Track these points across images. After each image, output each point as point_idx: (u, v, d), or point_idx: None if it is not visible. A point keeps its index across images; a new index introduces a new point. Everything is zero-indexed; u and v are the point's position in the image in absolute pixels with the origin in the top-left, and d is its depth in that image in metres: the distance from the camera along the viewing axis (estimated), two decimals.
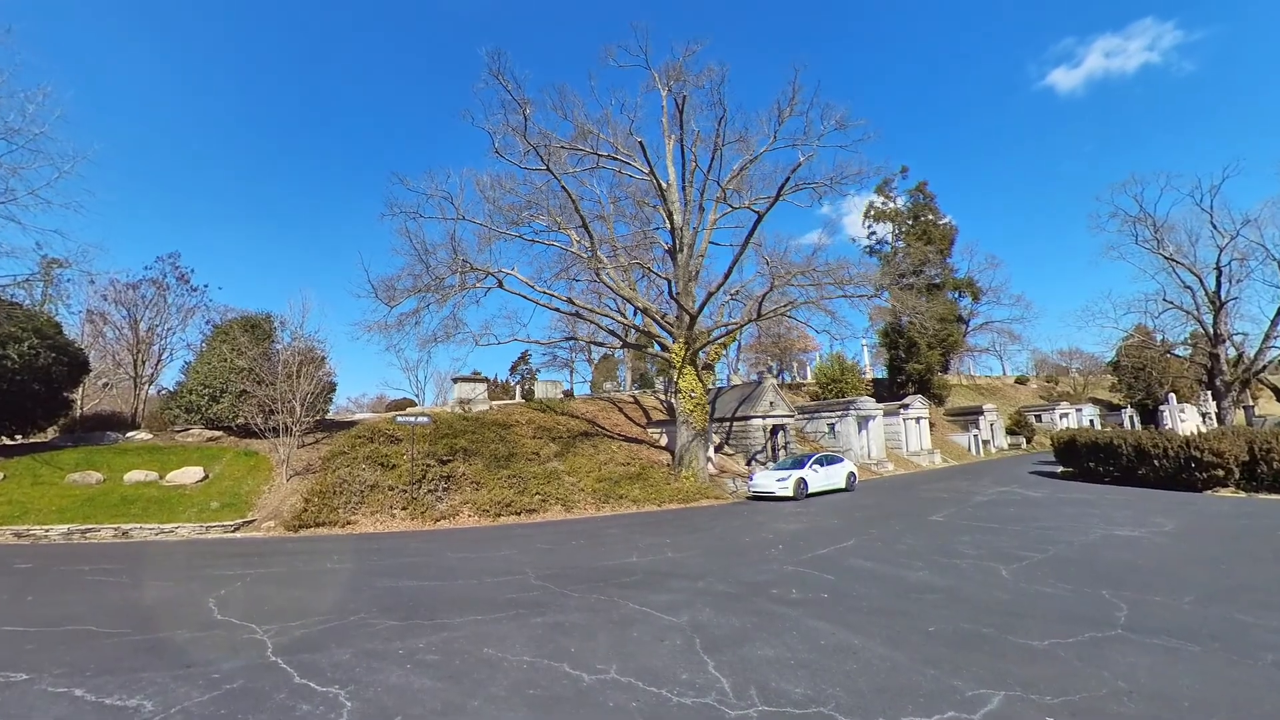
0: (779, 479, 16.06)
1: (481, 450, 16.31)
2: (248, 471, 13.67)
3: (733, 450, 23.86)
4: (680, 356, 18.21)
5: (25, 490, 12.10)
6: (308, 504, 11.91)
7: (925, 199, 36.77)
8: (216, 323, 17.59)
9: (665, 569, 7.49)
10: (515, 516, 13.55)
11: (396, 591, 6.46)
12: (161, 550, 9.33)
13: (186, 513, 11.30)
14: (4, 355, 13.44)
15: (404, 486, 13.55)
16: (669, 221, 19.48)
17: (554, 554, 8.77)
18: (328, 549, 9.40)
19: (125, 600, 6.08)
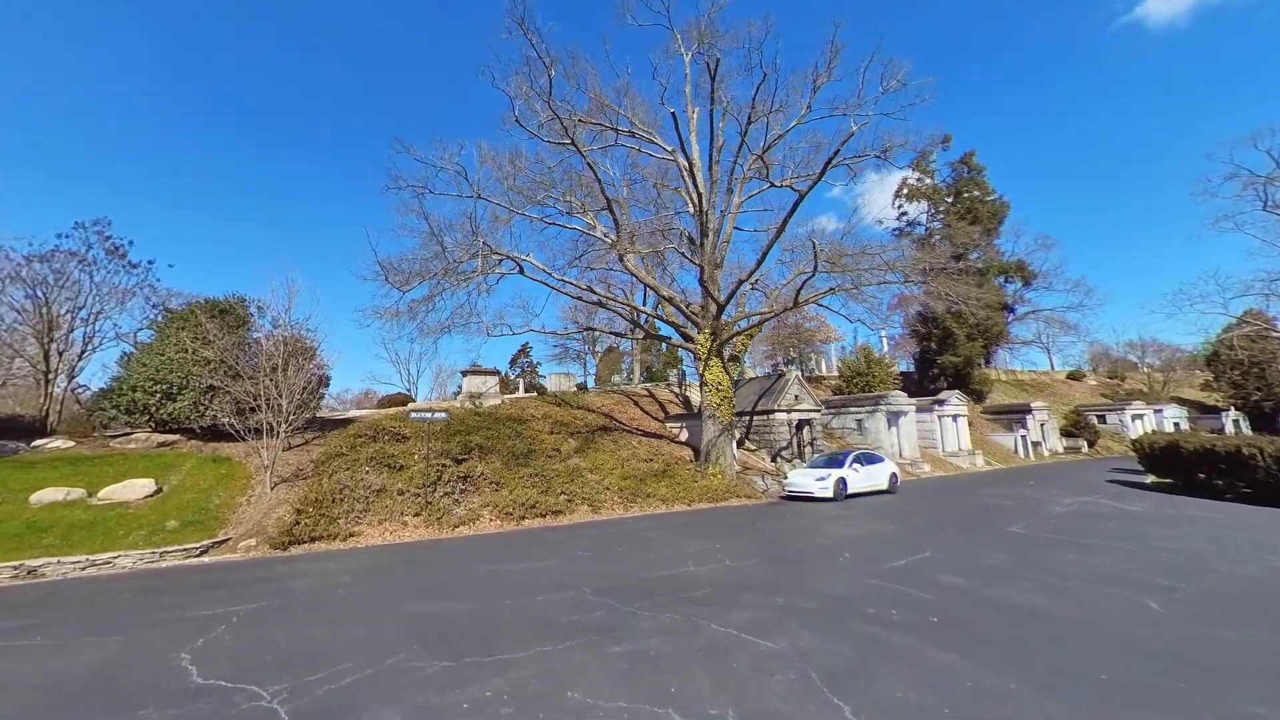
0: (819, 478, 15.84)
1: (498, 447, 15.72)
2: (217, 481, 12.75)
3: (754, 446, 23.55)
4: (706, 348, 17.71)
5: None
6: (300, 515, 11.09)
7: (972, 172, 35.55)
8: (170, 307, 16.36)
9: (730, 580, 7.17)
10: (540, 519, 13.02)
11: (434, 619, 5.79)
12: (95, 590, 7.67)
13: (131, 537, 10.04)
14: None
15: (416, 490, 12.85)
16: (693, 204, 18.84)
17: (600, 563, 8.30)
18: (332, 569, 8.64)
19: (46, 674, 4.58)
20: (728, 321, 18.22)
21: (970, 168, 35.48)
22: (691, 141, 18.24)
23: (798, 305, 15.70)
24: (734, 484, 17.26)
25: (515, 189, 15.56)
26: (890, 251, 18.33)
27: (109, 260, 17.67)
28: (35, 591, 7.86)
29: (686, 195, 19.77)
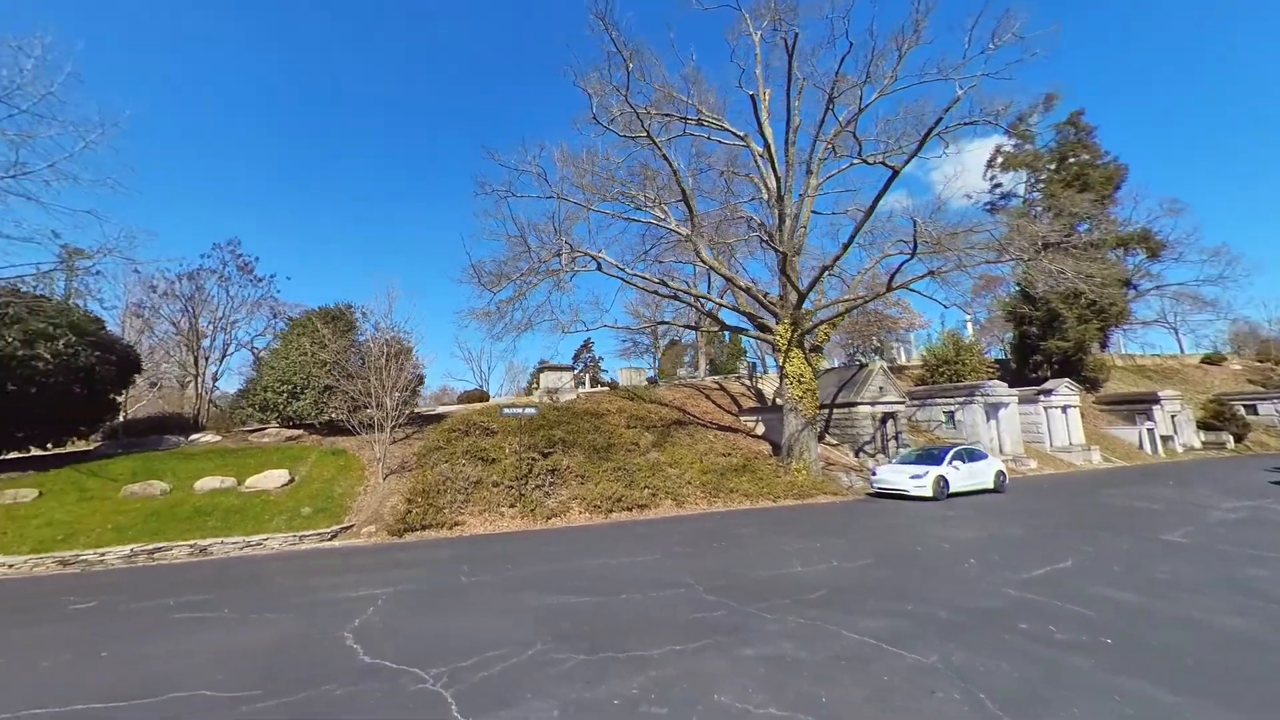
0: (914, 475, 14.86)
1: (579, 441, 16.17)
2: (338, 472, 14.09)
3: (834, 440, 22.54)
4: (786, 339, 17.08)
5: (69, 508, 11.20)
6: (411, 505, 12.00)
7: (1080, 133, 31.24)
8: (293, 316, 18.24)
9: (845, 583, 6.83)
10: (626, 512, 13.23)
11: (558, 612, 5.96)
12: (254, 569, 8.63)
13: (274, 521, 11.37)
14: (33, 355, 12.92)
15: (509, 482, 13.50)
16: (767, 190, 18.20)
17: (700, 559, 8.22)
18: (448, 556, 9.22)
19: (237, 644, 5.10)
20: (807, 311, 17.46)
21: (1078, 128, 31.37)
22: (766, 124, 17.55)
23: (890, 290, 14.68)
24: (819, 480, 16.58)
25: (588, 187, 15.72)
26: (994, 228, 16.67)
27: (240, 275, 19.98)
28: (209, 568, 8.99)
29: (760, 181, 19.09)
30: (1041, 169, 32.32)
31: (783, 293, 17.77)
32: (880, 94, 16.25)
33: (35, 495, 11.38)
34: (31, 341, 13.04)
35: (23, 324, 13.24)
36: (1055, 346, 28.34)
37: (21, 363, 12.80)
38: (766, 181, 18.31)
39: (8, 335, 12.78)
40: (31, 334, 13.12)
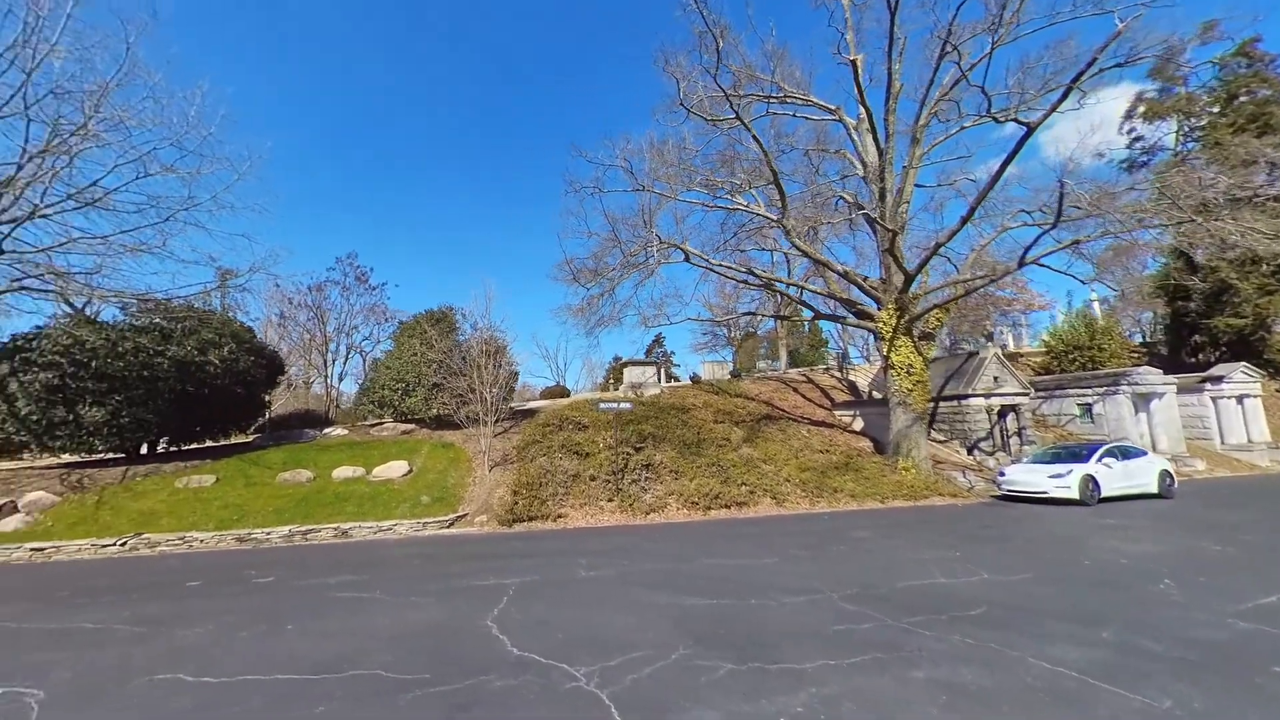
0: (1053, 475, 13.04)
1: (668, 436, 16.07)
2: (448, 464, 15.08)
3: (941, 436, 20.53)
4: (891, 326, 15.71)
5: (239, 492, 12.83)
6: (517, 497, 12.52)
7: (1254, 65, 25.54)
8: (403, 320, 19.95)
9: (1006, 600, 5.96)
10: (725, 510, 12.89)
11: (690, 614, 5.75)
12: (389, 552, 9.38)
13: (399, 508, 12.45)
14: (206, 361, 14.90)
15: (606, 476, 13.70)
16: (863, 166, 16.86)
17: (822, 563, 7.66)
18: (560, 549, 9.43)
19: (396, 626, 5.43)
20: (914, 294, 15.92)
21: (1251, 59, 25.70)
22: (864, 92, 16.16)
23: (1023, 265, 12.90)
24: (931, 480, 15.11)
25: (671, 177, 15.38)
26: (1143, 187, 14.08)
27: (357, 285, 22.11)
28: (352, 550, 9.87)
29: (855, 157, 17.71)
30: (1199, 113, 27.02)
31: (885, 276, 16.37)
32: (999, 43, 14.26)
33: (213, 481, 13.21)
34: (204, 349, 15.19)
35: (197, 335, 15.45)
36: (1225, 325, 23.62)
37: (198, 368, 14.95)
38: (863, 155, 16.94)
39: (187, 344, 14.97)
40: (204, 343, 15.28)
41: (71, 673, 4.55)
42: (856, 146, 17.05)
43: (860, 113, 16.93)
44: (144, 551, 10.15)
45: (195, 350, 14.98)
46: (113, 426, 13.61)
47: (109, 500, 11.92)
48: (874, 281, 16.82)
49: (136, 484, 12.89)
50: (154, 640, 5.30)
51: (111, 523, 11.02)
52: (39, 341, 13.01)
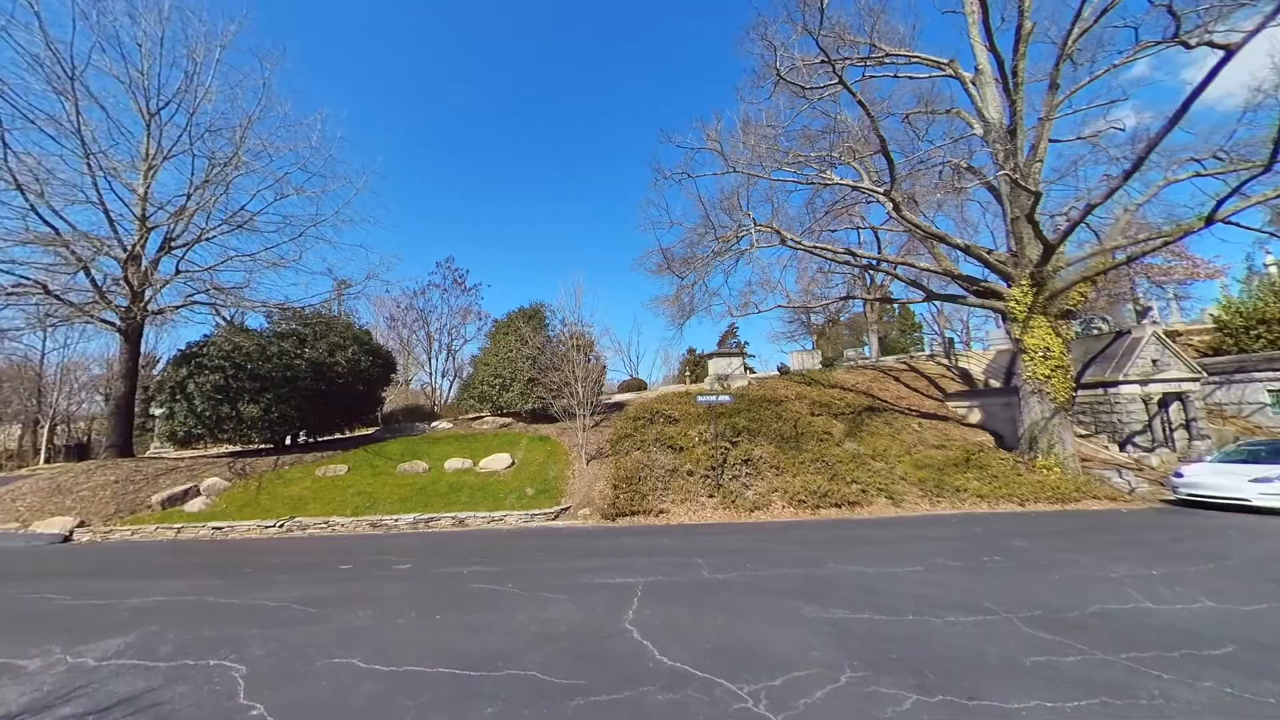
0: (1259, 479, 10.71)
1: (763, 430, 15.38)
2: (547, 457, 15.50)
3: (1083, 429, 17.83)
4: (1024, 304, 13.76)
5: (368, 480, 13.77)
6: (617, 491, 12.53)
7: None
8: (497, 319, 20.93)
9: (1252, 635, 4.76)
10: (835, 509, 12.03)
11: (846, 629, 5.16)
12: (507, 543, 9.65)
13: (507, 499, 12.92)
14: (334, 361, 16.66)
15: (704, 471, 13.36)
16: (983, 123, 14.87)
17: (982, 576, 6.68)
18: (674, 546, 9.19)
19: (537, 623, 5.40)
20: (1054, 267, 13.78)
21: None
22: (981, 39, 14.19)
23: (1211, 223, 10.58)
24: (1082, 480, 13.07)
25: (761, 157, 14.44)
26: None
27: (455, 288, 23.47)
28: (472, 538, 10.29)
29: (973, 114, 15.66)
30: None
31: (1015, 248, 14.36)
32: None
33: (345, 470, 14.53)
34: (332, 351, 16.76)
35: (326, 339, 17.07)
36: None
37: (328, 368, 16.52)
38: (984, 112, 14.92)
39: (319, 347, 16.58)
40: (332, 346, 16.86)
41: (264, 650, 4.95)
42: (975, 103, 15.04)
43: (980, 62, 14.93)
44: (296, 533, 11.31)
45: (326, 352, 16.56)
46: (265, 421, 15.40)
47: (266, 486, 13.51)
48: (1001, 255, 14.84)
49: (285, 472, 14.50)
50: (325, 622, 5.68)
51: (270, 506, 12.45)
52: (207, 348, 14.99)
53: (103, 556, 9.72)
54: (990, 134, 14.68)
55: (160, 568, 8.63)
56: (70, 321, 14.44)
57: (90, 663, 4.77)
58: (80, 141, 12.77)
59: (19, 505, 11.84)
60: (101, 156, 13.30)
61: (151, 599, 6.62)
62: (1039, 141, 14.16)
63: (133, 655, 4.92)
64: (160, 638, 5.30)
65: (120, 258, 13.58)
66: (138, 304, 14.28)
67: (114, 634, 5.43)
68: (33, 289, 12.16)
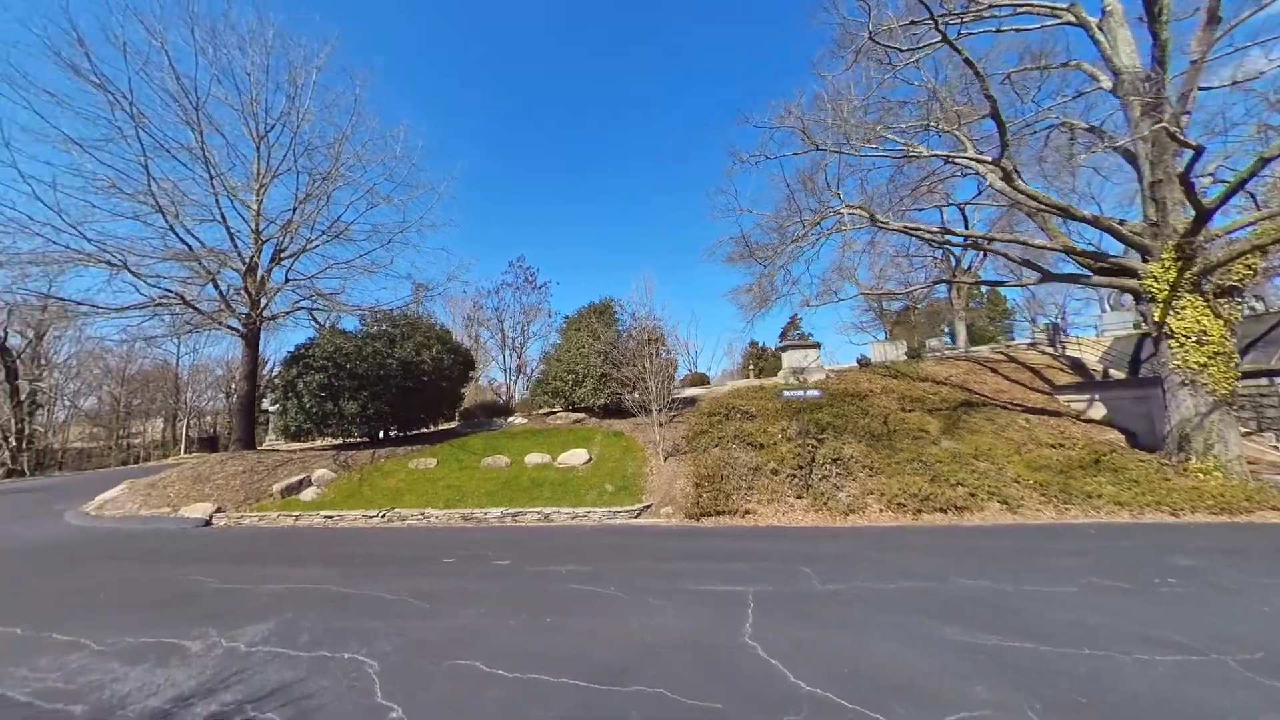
0: None
1: (849, 426, 14.39)
2: (623, 453, 15.43)
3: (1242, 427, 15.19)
4: (1167, 281, 11.81)
5: (455, 474, 14.24)
6: (699, 490, 12.17)
7: None
8: (568, 315, 21.27)
9: None
10: (939, 514, 10.96)
11: (1006, 660, 4.44)
12: (594, 540, 9.61)
13: (588, 495, 12.93)
14: (420, 360, 17.49)
15: (790, 470, 12.70)
16: (1112, 72, 12.94)
17: (1161, 603, 5.54)
18: (774, 551, 8.71)
19: (648, 632, 5.15)
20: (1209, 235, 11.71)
21: None
22: None
23: None
24: (1253, 488, 11.04)
25: (847, 132, 13.32)
26: None
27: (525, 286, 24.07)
28: (561, 536, 10.32)
29: (1100, 65, 13.63)
30: None
31: (1155, 217, 12.37)
32: None
33: (434, 463, 15.22)
34: (419, 350, 17.62)
35: (412, 339, 17.98)
36: None
37: (415, 366, 17.39)
38: (1113, 61, 12.92)
39: (406, 346, 17.49)
40: (418, 345, 17.73)
41: (390, 646, 5.05)
42: (1103, 50, 13.05)
43: (1109, 2, 12.93)
44: (396, 524, 11.94)
45: (413, 351, 17.45)
46: (362, 416, 16.47)
47: (366, 478, 14.44)
48: (1135, 225, 12.84)
49: (381, 465, 15.45)
50: (439, 619, 5.76)
51: (371, 497, 13.27)
52: (312, 350, 16.22)
53: (237, 540, 10.72)
54: (1123, 85, 12.69)
55: (286, 554, 9.32)
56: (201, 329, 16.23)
57: (241, 648, 5.09)
58: (205, 165, 14.27)
59: (169, 492, 13.44)
60: (223, 178, 14.76)
61: (284, 586, 7.09)
62: (1188, 90, 12.05)
63: (276, 643, 5.20)
64: (297, 626, 5.59)
65: (240, 269, 15.05)
66: (256, 311, 15.77)
67: (257, 620, 5.80)
68: (174, 300, 13.87)
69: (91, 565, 8.71)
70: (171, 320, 16.01)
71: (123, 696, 4.22)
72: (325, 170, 15.68)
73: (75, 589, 7.30)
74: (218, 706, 4.03)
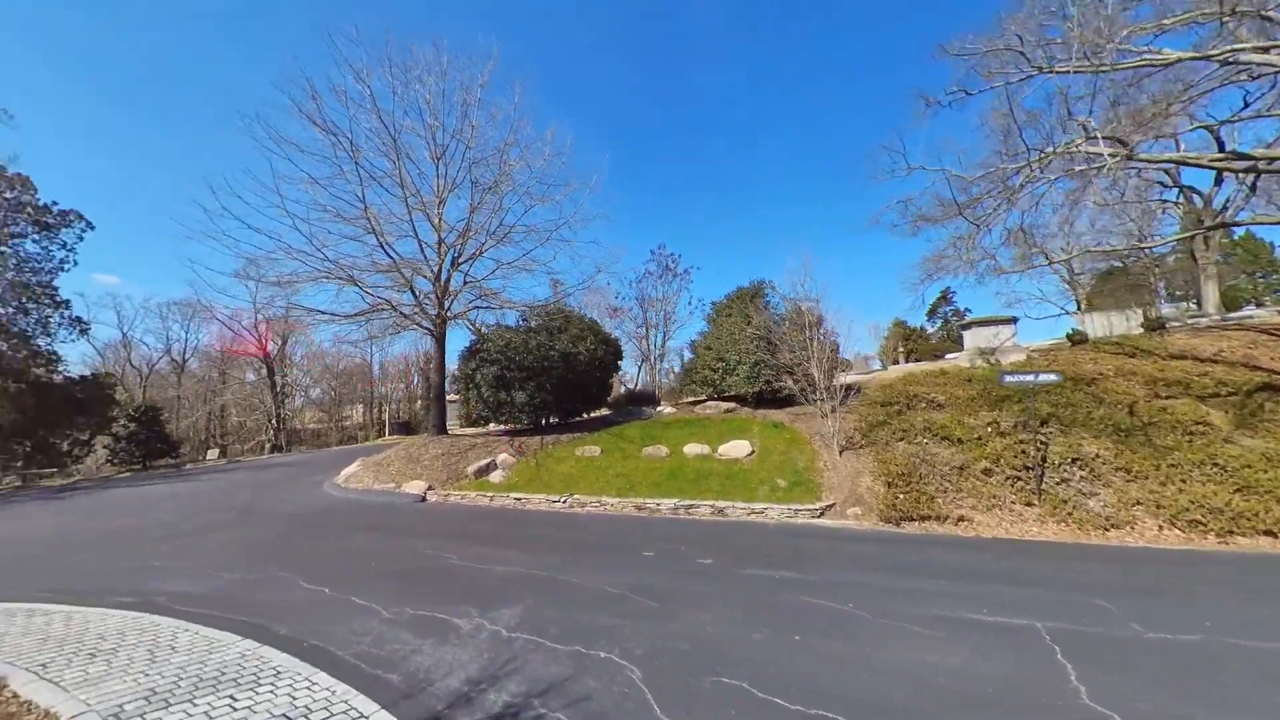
0: None
1: (1078, 418, 11.61)
2: (787, 445, 14.40)
3: None
4: None
5: (620, 463, 14.27)
6: (892, 490, 10.74)
7: None
8: (715, 300, 20.72)
9: None
10: (1267, 538, 8.20)
11: None
12: (787, 541, 8.95)
13: (758, 490, 12.09)
14: (577, 352, 18.32)
15: (1011, 471, 10.62)
16: None
17: None
18: (1027, 572, 7.15)
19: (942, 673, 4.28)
20: None
21: None
22: None
23: None
24: None
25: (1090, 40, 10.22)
26: None
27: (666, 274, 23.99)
28: (742, 534, 9.76)
29: None
30: None
31: None
32: None
33: (599, 451, 15.76)
34: (575, 342, 18.44)
35: (567, 331, 18.84)
36: None
37: (573, 357, 18.21)
38: None
39: (563, 339, 18.39)
40: (574, 338, 18.55)
41: (640, 649, 4.88)
42: None
43: None
44: (576, 509, 12.51)
45: (570, 343, 18.29)
46: (530, 405, 17.73)
47: (542, 463, 15.49)
48: None
49: (551, 451, 16.47)
50: (674, 622, 5.51)
51: (549, 481, 14.16)
52: (486, 345, 17.83)
53: (452, 516, 12.08)
54: None
55: (497, 535, 10.11)
56: (402, 330, 18.94)
57: (503, 633, 5.33)
58: (401, 188, 16.39)
59: (391, 470, 15.89)
60: (415, 198, 16.82)
61: (511, 569, 7.54)
62: None
63: (529, 630, 5.37)
64: (542, 616, 5.75)
65: (429, 276, 17.13)
66: (442, 311, 17.85)
67: (504, 604, 6.12)
68: (385, 305, 16.39)
69: (357, 534, 10.32)
70: (381, 323, 18.88)
71: (426, 670, 4.58)
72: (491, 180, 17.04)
73: (352, 553, 8.64)
74: (508, 697, 4.13)
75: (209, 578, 7.34)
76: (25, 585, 7.22)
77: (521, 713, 3.91)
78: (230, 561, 8.20)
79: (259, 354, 41.07)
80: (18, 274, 25.04)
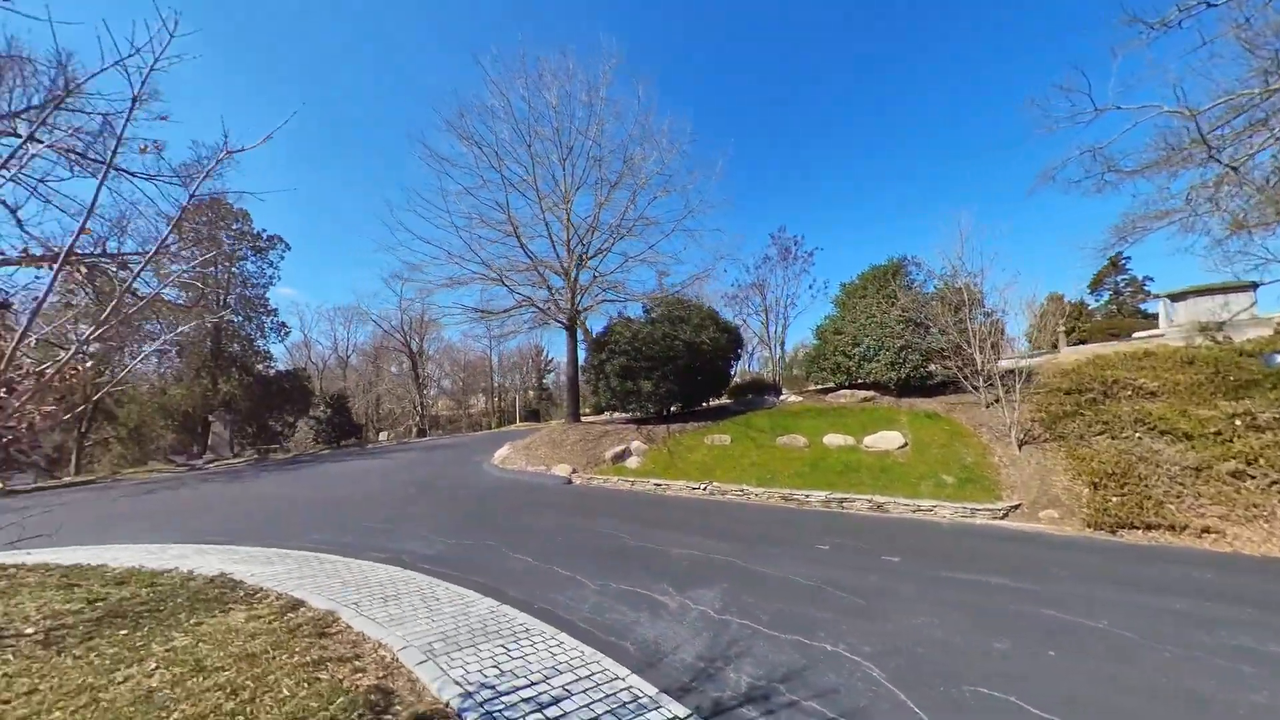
0: None
1: None
2: (949, 438, 13.07)
3: None
4: None
5: (753, 453, 14.00)
6: (1101, 492, 9.27)
7: None
8: (844, 282, 19.50)
9: None
10: None
11: None
12: (977, 545, 8.05)
13: (921, 486, 11.03)
14: (700, 341, 18.26)
15: (1276, 474, 8.69)
16: None
17: None
18: None
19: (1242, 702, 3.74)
20: None
21: None
22: None
23: None
24: None
25: None
26: None
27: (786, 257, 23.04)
28: (916, 534, 9.04)
29: None
30: None
31: None
32: None
33: (729, 440, 15.65)
34: (698, 332, 18.44)
35: (689, 321, 18.87)
36: None
37: (696, 347, 18.23)
38: None
39: (686, 329, 18.46)
40: (696, 327, 18.55)
41: (870, 647, 4.72)
42: None
43: None
44: (718, 497, 12.56)
45: (692, 332, 18.32)
46: (655, 394, 18.11)
47: (674, 450, 15.81)
48: None
49: (680, 439, 16.73)
50: (887, 621, 5.25)
51: (684, 469, 14.39)
52: (614, 336, 18.49)
53: (602, 498, 12.79)
54: None
55: (651, 517, 10.46)
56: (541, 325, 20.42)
57: (711, 614, 5.48)
58: (535, 192, 17.58)
59: (539, 453, 17.32)
60: (546, 199, 17.95)
61: (687, 551, 7.76)
62: None
63: (738, 614, 5.45)
64: (740, 600, 5.82)
65: (561, 272, 18.20)
66: (573, 306, 18.90)
67: (699, 585, 6.30)
68: (525, 303, 17.82)
69: (529, 510, 11.29)
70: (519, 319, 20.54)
71: (653, 642, 4.85)
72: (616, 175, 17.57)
73: (534, 529, 9.49)
74: (749, 679, 4.21)
75: (431, 542, 8.52)
76: (300, 538, 8.99)
77: (772, 696, 3.97)
78: (440, 529, 9.45)
79: (403, 350, 47.14)
80: (244, 289, 31.44)
